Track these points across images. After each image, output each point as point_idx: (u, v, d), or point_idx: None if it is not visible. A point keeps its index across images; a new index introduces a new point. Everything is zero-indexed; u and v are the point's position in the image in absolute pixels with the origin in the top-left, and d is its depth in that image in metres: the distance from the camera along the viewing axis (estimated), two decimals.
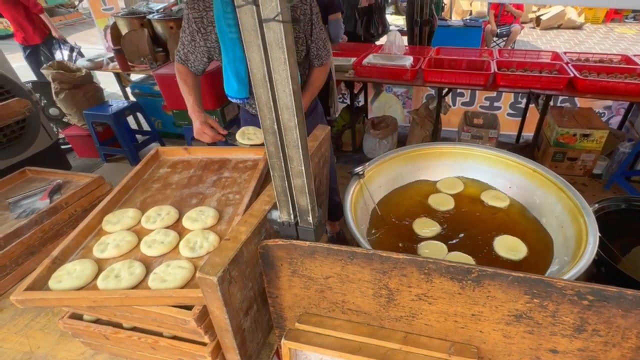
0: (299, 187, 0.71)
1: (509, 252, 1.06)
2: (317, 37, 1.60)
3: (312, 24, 1.56)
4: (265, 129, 0.67)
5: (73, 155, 3.81)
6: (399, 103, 4.04)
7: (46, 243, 1.19)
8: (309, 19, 1.54)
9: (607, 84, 2.49)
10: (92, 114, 3.34)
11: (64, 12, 10.80)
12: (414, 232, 1.17)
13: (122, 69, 3.60)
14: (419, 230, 1.16)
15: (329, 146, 1.25)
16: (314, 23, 1.56)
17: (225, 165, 1.25)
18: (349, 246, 0.68)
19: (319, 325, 0.77)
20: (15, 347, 0.98)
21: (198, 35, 1.53)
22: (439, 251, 1.09)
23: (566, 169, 3.02)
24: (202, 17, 1.48)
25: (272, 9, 0.52)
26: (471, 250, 1.09)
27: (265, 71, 0.60)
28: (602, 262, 1.12)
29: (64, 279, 0.84)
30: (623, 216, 1.32)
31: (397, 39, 3.20)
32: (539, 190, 1.22)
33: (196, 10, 1.47)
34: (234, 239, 0.75)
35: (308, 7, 1.52)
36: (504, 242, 1.10)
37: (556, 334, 0.63)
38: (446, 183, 1.36)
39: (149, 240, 0.94)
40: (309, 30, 1.56)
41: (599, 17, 8.35)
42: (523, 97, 3.55)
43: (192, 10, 1.48)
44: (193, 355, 0.86)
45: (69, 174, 1.42)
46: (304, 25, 1.54)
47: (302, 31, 1.54)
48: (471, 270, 0.62)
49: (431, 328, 0.72)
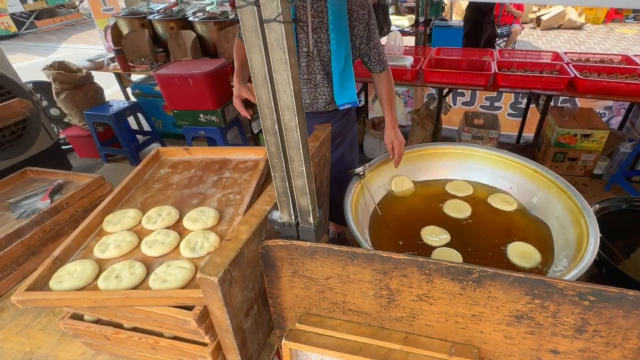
0: (300, 187, 0.71)
1: (523, 259, 1.04)
2: (376, 43, 1.59)
3: (370, 29, 1.53)
4: (266, 129, 0.67)
5: (74, 156, 3.81)
6: (400, 102, 4.04)
7: (47, 243, 1.19)
8: (366, 24, 1.52)
9: (607, 84, 2.49)
10: (92, 114, 3.34)
11: (64, 12, 10.82)
12: (422, 240, 1.14)
13: (122, 70, 3.60)
14: (428, 239, 1.13)
15: (329, 147, 1.25)
16: (371, 29, 1.54)
17: (226, 166, 1.25)
18: (350, 247, 0.68)
19: (320, 325, 0.77)
20: (16, 347, 0.98)
21: None
22: (455, 259, 1.07)
23: (567, 170, 3.01)
24: None
25: (273, 9, 0.52)
26: (484, 259, 1.07)
27: (266, 71, 0.60)
28: (603, 263, 1.12)
29: (64, 279, 0.84)
30: (624, 216, 1.32)
31: (398, 39, 3.20)
32: (540, 190, 1.22)
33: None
34: (234, 239, 0.75)
35: (366, 12, 1.50)
36: (516, 249, 1.08)
37: (557, 334, 0.63)
38: (455, 185, 1.34)
39: (150, 241, 0.94)
40: (366, 35, 1.54)
41: (600, 17, 8.34)
42: (523, 97, 3.54)
43: None
44: (194, 355, 0.86)
45: (70, 174, 1.42)
46: (361, 30, 1.52)
47: (357, 34, 1.52)
48: (472, 270, 0.62)
49: (432, 328, 0.72)
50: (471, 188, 1.32)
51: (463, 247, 1.10)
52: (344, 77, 1.53)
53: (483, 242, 1.13)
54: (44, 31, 10.11)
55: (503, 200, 1.24)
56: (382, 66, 1.64)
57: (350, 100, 1.59)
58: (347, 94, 1.57)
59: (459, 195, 1.30)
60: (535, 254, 1.05)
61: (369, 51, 1.59)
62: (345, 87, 1.56)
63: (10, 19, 9.44)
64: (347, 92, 1.57)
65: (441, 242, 1.12)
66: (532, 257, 1.05)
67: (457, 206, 1.24)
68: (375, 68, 1.65)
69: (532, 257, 1.04)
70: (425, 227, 1.17)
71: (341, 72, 1.51)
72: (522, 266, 1.03)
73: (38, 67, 3.82)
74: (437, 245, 1.11)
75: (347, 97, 1.58)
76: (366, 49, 1.58)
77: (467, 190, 1.31)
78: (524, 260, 1.04)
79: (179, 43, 3.51)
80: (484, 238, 1.14)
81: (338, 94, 1.56)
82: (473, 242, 1.12)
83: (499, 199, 1.25)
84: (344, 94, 1.57)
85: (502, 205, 1.22)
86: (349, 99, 1.58)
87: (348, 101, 1.59)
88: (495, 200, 1.24)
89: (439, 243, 1.11)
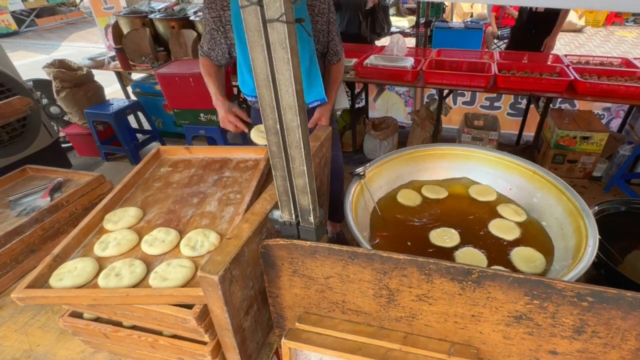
0: (301, 187, 0.71)
1: (529, 264, 1.03)
2: (334, 35, 1.64)
3: (329, 22, 1.59)
4: (267, 128, 0.67)
5: (73, 154, 3.81)
6: (401, 102, 4.05)
7: (46, 241, 1.19)
8: (327, 17, 1.56)
9: (607, 86, 2.50)
10: (92, 112, 3.34)
11: (65, 10, 10.81)
12: (430, 241, 1.12)
13: (123, 68, 3.60)
14: (438, 241, 1.12)
15: (330, 147, 1.26)
16: (331, 22, 1.59)
17: (227, 165, 1.25)
18: (350, 246, 0.68)
19: (319, 325, 0.77)
20: (15, 345, 0.98)
21: (217, 33, 1.56)
22: (479, 260, 1.06)
23: (566, 172, 3.02)
24: (220, 16, 1.51)
25: (276, 9, 0.52)
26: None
27: (268, 71, 0.60)
28: (602, 265, 1.12)
29: (64, 277, 0.84)
30: (623, 219, 1.32)
31: (400, 41, 3.21)
32: (539, 192, 1.22)
33: (214, 9, 1.50)
34: (235, 238, 0.75)
35: (326, 5, 1.54)
36: (521, 254, 1.07)
37: (556, 335, 0.63)
38: (477, 190, 1.32)
39: (150, 239, 0.94)
40: (326, 28, 1.59)
41: (600, 20, 8.36)
42: (523, 98, 3.55)
43: (210, 10, 1.51)
44: (193, 354, 0.86)
45: (70, 172, 1.43)
46: (322, 24, 1.57)
47: (320, 29, 1.57)
48: (471, 271, 0.62)
49: (431, 329, 0.72)
50: (494, 193, 1.29)
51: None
52: (311, 75, 1.54)
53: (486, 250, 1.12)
54: (44, 29, 10.10)
55: (514, 212, 1.21)
56: (338, 57, 1.69)
57: (318, 98, 1.60)
58: (315, 91, 1.58)
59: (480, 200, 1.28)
60: (539, 259, 1.04)
61: (327, 44, 1.62)
62: (312, 84, 1.56)
63: (11, 17, 9.43)
64: (315, 90, 1.58)
65: (452, 243, 1.11)
66: (537, 261, 1.04)
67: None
68: (333, 59, 1.69)
69: (536, 262, 1.04)
70: (433, 230, 1.16)
71: (308, 71, 1.52)
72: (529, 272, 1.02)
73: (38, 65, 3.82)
74: (447, 246, 1.10)
75: (315, 95, 1.59)
76: (325, 42, 1.61)
77: (490, 195, 1.29)
78: (530, 266, 1.03)
79: (179, 42, 3.52)
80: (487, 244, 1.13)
81: (306, 93, 1.56)
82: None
83: (510, 209, 1.22)
84: (311, 92, 1.58)
85: (512, 216, 1.20)
86: (317, 96, 1.60)
87: (316, 98, 1.61)
88: (506, 211, 1.22)
89: (449, 244, 1.11)
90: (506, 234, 1.14)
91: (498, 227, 1.16)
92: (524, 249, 1.09)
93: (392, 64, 2.94)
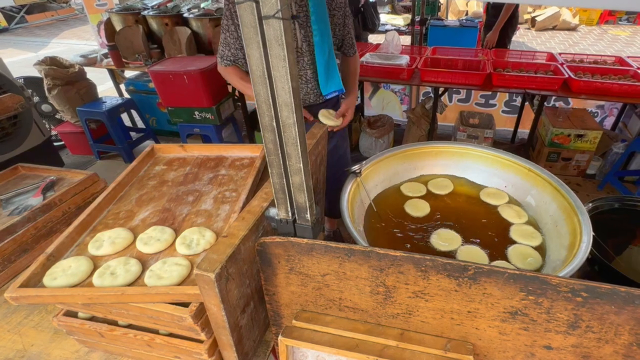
0: (297, 184, 0.71)
1: (524, 261, 1.03)
2: (350, 28, 1.67)
3: (346, 15, 1.61)
4: (263, 126, 0.66)
5: (66, 152, 3.77)
6: (396, 100, 4.06)
7: (39, 240, 1.18)
8: (343, 11, 1.59)
9: (601, 85, 2.52)
10: (85, 110, 3.30)
11: (56, 7, 10.66)
12: (431, 245, 1.11)
13: (116, 66, 3.56)
14: (439, 244, 1.11)
15: (326, 145, 1.25)
16: (347, 15, 1.62)
17: (222, 163, 1.24)
18: (347, 243, 0.68)
19: (316, 322, 0.77)
20: (9, 345, 0.97)
21: (240, 41, 1.55)
22: (481, 257, 1.06)
23: (560, 169, 3.05)
24: None
25: (271, 6, 0.52)
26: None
27: (264, 68, 0.59)
28: (596, 261, 1.13)
29: (58, 276, 0.83)
30: (616, 215, 1.33)
31: (395, 39, 3.20)
32: (534, 189, 1.23)
33: (237, 17, 1.49)
34: (231, 236, 0.75)
35: (343, 0, 1.57)
36: (516, 251, 1.07)
37: (550, 330, 0.64)
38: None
39: (145, 238, 0.93)
40: (342, 22, 1.62)
41: (593, 18, 8.43)
42: (518, 96, 3.58)
43: (233, 4, 1.47)
44: (189, 352, 0.85)
45: (63, 170, 1.41)
46: (339, 18, 1.60)
47: (337, 22, 1.60)
48: (468, 267, 0.62)
49: (428, 325, 0.72)
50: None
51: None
52: (329, 67, 1.57)
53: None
54: (34, 26, 9.96)
55: (516, 214, 1.21)
56: (354, 49, 1.72)
57: (337, 88, 1.63)
58: (333, 82, 1.61)
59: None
60: (534, 255, 1.05)
61: (344, 36, 1.65)
62: (330, 76, 1.60)
63: (0, 13, 9.29)
64: (332, 81, 1.61)
65: (451, 247, 1.09)
66: (532, 258, 1.04)
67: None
68: (349, 51, 1.72)
69: (531, 258, 1.04)
70: (434, 232, 1.15)
71: (326, 63, 1.55)
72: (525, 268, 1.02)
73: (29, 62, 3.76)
74: (446, 250, 1.09)
75: (333, 86, 1.62)
76: (342, 35, 1.64)
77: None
78: (525, 262, 1.03)
79: (173, 39, 3.48)
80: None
81: (324, 84, 1.59)
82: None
83: (512, 210, 1.22)
84: (330, 83, 1.61)
85: (512, 218, 1.20)
86: (336, 86, 1.63)
87: (335, 89, 1.63)
88: (507, 212, 1.22)
89: (449, 247, 1.09)
90: (530, 240, 1.12)
91: (520, 234, 1.14)
92: (520, 246, 1.09)
93: (387, 62, 2.94)
